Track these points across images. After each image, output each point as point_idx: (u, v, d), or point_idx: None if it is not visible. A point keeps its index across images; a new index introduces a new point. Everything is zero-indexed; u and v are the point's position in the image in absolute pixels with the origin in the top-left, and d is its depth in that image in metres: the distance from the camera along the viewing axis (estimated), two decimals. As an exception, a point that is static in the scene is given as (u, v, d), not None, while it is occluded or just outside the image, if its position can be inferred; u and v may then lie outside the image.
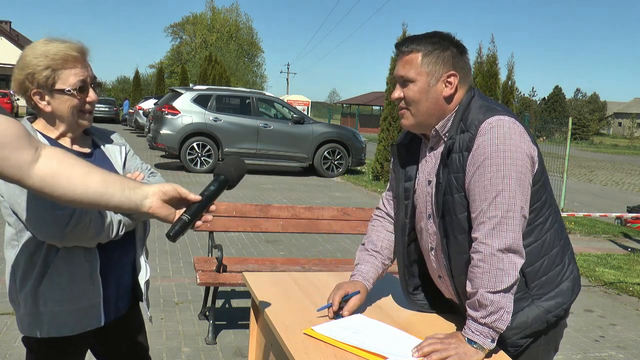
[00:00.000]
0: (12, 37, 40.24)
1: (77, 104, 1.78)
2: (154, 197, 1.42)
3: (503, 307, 1.58)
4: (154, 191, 1.42)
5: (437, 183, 1.74)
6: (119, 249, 1.87)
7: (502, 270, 1.57)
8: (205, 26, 65.00)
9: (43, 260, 1.74)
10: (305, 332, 1.66)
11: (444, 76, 1.73)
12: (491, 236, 1.59)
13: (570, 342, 4.39)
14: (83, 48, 1.80)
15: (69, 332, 1.78)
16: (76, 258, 1.76)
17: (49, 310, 1.76)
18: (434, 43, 1.74)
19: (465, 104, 1.74)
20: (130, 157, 2.02)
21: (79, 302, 1.78)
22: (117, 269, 1.89)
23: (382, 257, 2.02)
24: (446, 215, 1.73)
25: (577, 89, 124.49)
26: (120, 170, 1.94)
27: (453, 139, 1.70)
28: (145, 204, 1.42)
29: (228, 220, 4.19)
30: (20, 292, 1.77)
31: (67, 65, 1.74)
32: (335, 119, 42.64)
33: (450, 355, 1.54)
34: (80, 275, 1.77)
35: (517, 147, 1.62)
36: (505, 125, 1.63)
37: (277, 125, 13.53)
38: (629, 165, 27.72)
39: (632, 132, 66.54)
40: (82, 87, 1.77)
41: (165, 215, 1.44)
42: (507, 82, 10.66)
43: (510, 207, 1.59)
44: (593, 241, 8.65)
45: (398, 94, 1.79)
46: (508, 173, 1.60)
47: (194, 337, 3.97)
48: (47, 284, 1.74)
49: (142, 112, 23.14)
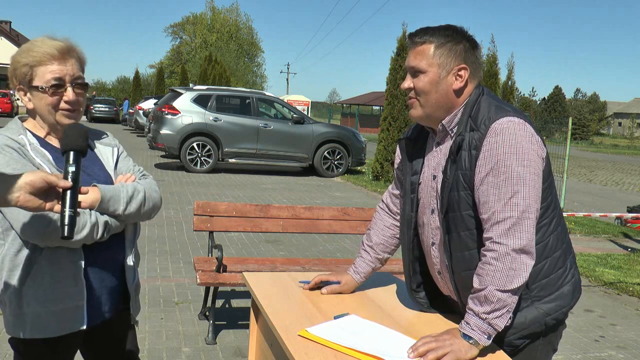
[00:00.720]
0: (12, 37, 40.26)
1: (52, 102, 1.75)
2: (21, 192, 1.39)
3: (507, 306, 1.59)
4: (20, 185, 1.40)
5: (444, 179, 1.74)
6: (106, 251, 1.84)
7: (515, 270, 1.58)
8: (205, 26, 64.99)
9: (27, 260, 1.71)
10: (300, 334, 1.66)
11: (455, 69, 1.74)
12: (507, 236, 1.60)
13: (570, 342, 4.39)
14: (66, 46, 1.77)
15: (51, 334, 1.75)
16: (60, 258, 1.73)
17: (32, 311, 1.73)
18: (447, 35, 1.74)
19: (473, 100, 1.74)
20: (122, 158, 2.00)
21: (62, 303, 1.74)
22: (104, 271, 1.85)
23: (374, 253, 2.09)
24: (450, 212, 1.74)
25: (577, 89, 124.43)
26: (111, 171, 1.92)
27: (462, 136, 1.70)
28: (12, 198, 1.40)
29: (228, 220, 4.19)
30: (6, 292, 1.74)
31: (44, 62, 1.73)
32: (335, 119, 42.65)
33: (446, 353, 1.54)
34: (63, 276, 1.74)
35: (530, 149, 1.63)
36: (517, 127, 1.63)
37: (277, 125, 13.52)
38: (629, 165, 27.71)
39: (632, 132, 66.48)
40: (57, 84, 1.74)
41: (35, 207, 1.42)
42: (507, 82, 10.67)
43: (526, 207, 1.60)
44: (593, 241, 8.64)
45: (408, 84, 1.79)
46: (523, 174, 1.61)
47: (194, 337, 3.97)
48: (30, 284, 1.72)
49: (142, 112, 23.14)
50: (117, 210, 1.79)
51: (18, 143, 1.73)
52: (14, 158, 1.69)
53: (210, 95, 13.22)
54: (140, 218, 1.89)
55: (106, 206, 1.76)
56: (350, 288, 2.08)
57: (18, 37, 41.73)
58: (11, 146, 1.71)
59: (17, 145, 1.72)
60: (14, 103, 33.15)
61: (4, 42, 39.36)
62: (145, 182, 1.94)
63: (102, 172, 1.90)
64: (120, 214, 1.80)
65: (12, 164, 1.66)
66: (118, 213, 1.80)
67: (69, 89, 1.76)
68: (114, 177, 1.92)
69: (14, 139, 1.74)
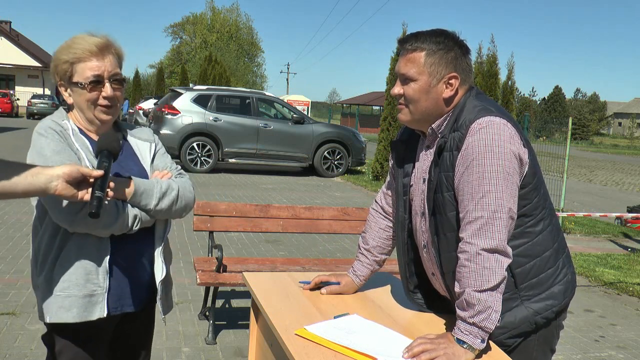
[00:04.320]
0: (12, 37, 40.19)
1: (91, 98, 1.80)
2: (59, 180, 1.54)
3: (491, 307, 1.57)
4: (58, 174, 1.54)
5: (429, 181, 1.75)
6: (134, 244, 1.86)
7: (488, 269, 1.57)
8: (205, 26, 64.95)
9: (59, 244, 1.77)
10: (297, 333, 1.66)
11: (446, 77, 1.73)
12: (477, 236, 1.59)
13: (570, 342, 4.39)
14: (104, 43, 1.81)
15: (71, 319, 1.77)
16: (88, 245, 1.77)
17: (58, 294, 1.77)
18: (438, 43, 1.73)
19: (461, 105, 1.74)
20: (160, 155, 2.02)
21: (85, 288, 1.77)
22: (130, 264, 1.87)
23: (372, 256, 2.10)
24: (437, 214, 1.74)
25: (577, 89, 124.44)
26: (147, 166, 1.95)
27: (445, 138, 1.70)
28: (51, 187, 1.53)
29: (228, 220, 4.19)
30: (40, 276, 1.80)
31: (84, 59, 1.78)
32: (335, 119, 42.62)
33: (439, 355, 1.53)
34: (88, 263, 1.77)
35: (505, 148, 1.61)
36: (494, 126, 1.63)
37: (277, 125, 13.52)
38: (629, 165, 27.71)
39: (632, 132, 66.48)
40: (96, 81, 1.79)
41: (71, 195, 1.57)
42: (507, 82, 10.65)
43: (496, 207, 1.59)
44: (593, 241, 8.64)
45: (398, 90, 1.78)
46: (495, 174, 1.60)
47: (194, 337, 3.97)
48: (58, 269, 1.77)
49: (142, 112, 23.15)
50: (148, 204, 1.82)
51: (61, 127, 1.81)
52: (55, 140, 1.76)
53: (210, 95, 13.22)
54: (171, 215, 1.92)
55: (138, 199, 1.80)
56: (350, 290, 2.08)
57: (18, 37, 41.65)
58: (54, 129, 1.79)
59: (60, 128, 1.80)
60: (14, 103, 33.13)
61: (4, 42, 39.32)
62: (180, 181, 1.95)
63: (137, 166, 1.93)
64: (151, 209, 1.82)
65: (52, 146, 1.75)
66: (149, 208, 1.82)
67: (106, 84, 1.81)
68: (150, 172, 1.94)
69: (58, 122, 1.82)
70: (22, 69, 39.68)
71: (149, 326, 2.09)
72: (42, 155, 1.73)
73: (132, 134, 2.01)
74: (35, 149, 1.76)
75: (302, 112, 14.61)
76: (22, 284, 4.80)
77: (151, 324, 2.10)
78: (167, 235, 1.99)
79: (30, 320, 4.02)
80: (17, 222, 7.03)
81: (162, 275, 1.94)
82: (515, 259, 1.68)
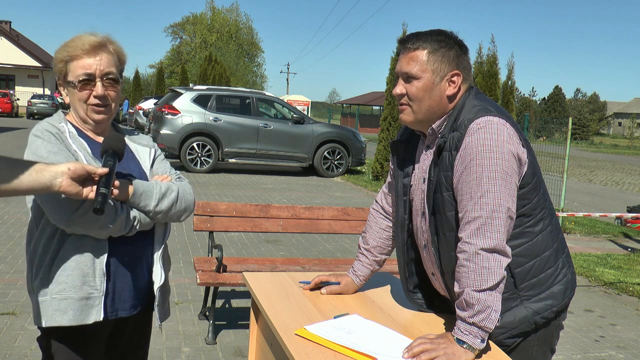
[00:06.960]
0: (12, 37, 40.20)
1: (82, 97, 1.78)
2: (64, 177, 1.51)
3: (490, 306, 1.57)
4: (63, 171, 1.51)
5: (428, 181, 1.75)
6: (132, 246, 1.84)
7: (488, 268, 1.57)
8: (205, 26, 64.92)
9: (55, 246, 1.74)
10: (297, 333, 1.66)
11: (448, 75, 1.74)
12: (476, 236, 1.59)
13: (570, 342, 4.39)
14: (98, 41, 1.79)
15: (67, 322, 1.74)
16: (85, 247, 1.75)
17: (54, 296, 1.74)
18: (439, 41, 1.74)
19: (461, 104, 1.74)
20: (159, 160, 2.01)
21: (81, 291, 1.75)
22: (128, 268, 1.84)
23: (372, 256, 2.10)
24: (436, 213, 1.74)
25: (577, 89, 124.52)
26: (147, 171, 1.94)
27: (445, 138, 1.71)
28: (56, 183, 1.51)
29: (228, 220, 4.19)
30: (36, 279, 1.77)
31: (76, 57, 1.77)
32: (335, 119, 42.62)
33: (439, 356, 1.53)
34: (85, 265, 1.75)
35: (503, 148, 1.61)
36: (493, 125, 1.63)
37: (277, 125, 13.52)
38: (629, 165, 27.71)
39: (632, 132, 66.45)
40: (86, 79, 1.76)
41: (75, 193, 1.55)
42: (507, 82, 10.65)
43: (495, 207, 1.59)
44: (593, 241, 8.64)
45: (400, 89, 1.78)
46: (493, 173, 1.60)
47: (194, 337, 3.97)
48: (55, 271, 1.74)
49: (142, 112, 23.16)
50: (147, 205, 1.80)
51: (58, 129, 1.79)
52: (52, 142, 1.75)
53: (210, 95, 13.22)
54: (170, 218, 1.89)
55: (138, 200, 1.78)
56: (350, 290, 2.08)
57: (18, 37, 41.67)
58: (50, 131, 1.77)
59: (56, 130, 1.78)
60: (13, 103, 33.14)
61: (4, 42, 39.32)
62: (180, 184, 1.94)
63: (138, 168, 1.92)
64: (150, 210, 1.81)
65: (48, 147, 1.73)
66: (148, 209, 1.80)
67: (98, 83, 1.78)
68: (149, 176, 1.93)
69: (54, 125, 1.80)
70: (22, 69, 39.69)
71: (145, 332, 2.06)
72: (38, 156, 1.70)
73: (131, 139, 1.99)
74: (31, 150, 1.73)
75: (302, 112, 14.60)
76: (22, 284, 4.80)
77: (148, 329, 2.07)
78: (167, 240, 1.98)
79: (30, 320, 4.01)
80: (17, 222, 7.04)
81: (161, 281, 1.92)
82: (514, 259, 1.68)
